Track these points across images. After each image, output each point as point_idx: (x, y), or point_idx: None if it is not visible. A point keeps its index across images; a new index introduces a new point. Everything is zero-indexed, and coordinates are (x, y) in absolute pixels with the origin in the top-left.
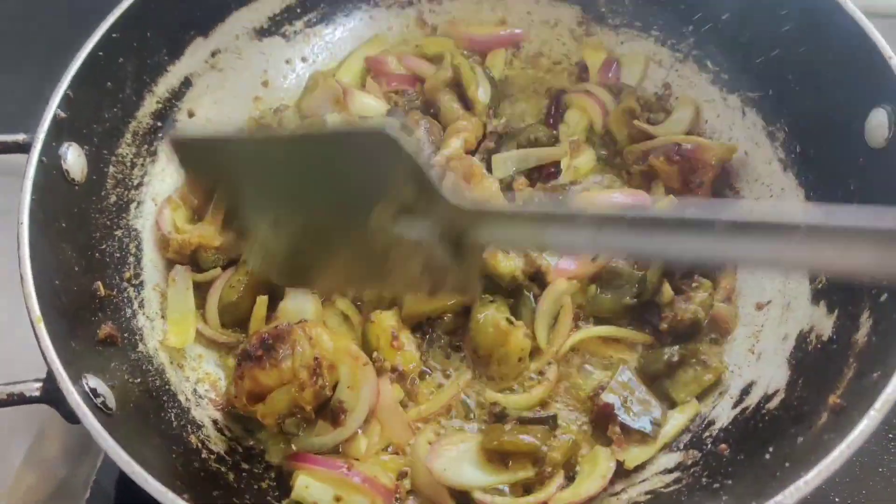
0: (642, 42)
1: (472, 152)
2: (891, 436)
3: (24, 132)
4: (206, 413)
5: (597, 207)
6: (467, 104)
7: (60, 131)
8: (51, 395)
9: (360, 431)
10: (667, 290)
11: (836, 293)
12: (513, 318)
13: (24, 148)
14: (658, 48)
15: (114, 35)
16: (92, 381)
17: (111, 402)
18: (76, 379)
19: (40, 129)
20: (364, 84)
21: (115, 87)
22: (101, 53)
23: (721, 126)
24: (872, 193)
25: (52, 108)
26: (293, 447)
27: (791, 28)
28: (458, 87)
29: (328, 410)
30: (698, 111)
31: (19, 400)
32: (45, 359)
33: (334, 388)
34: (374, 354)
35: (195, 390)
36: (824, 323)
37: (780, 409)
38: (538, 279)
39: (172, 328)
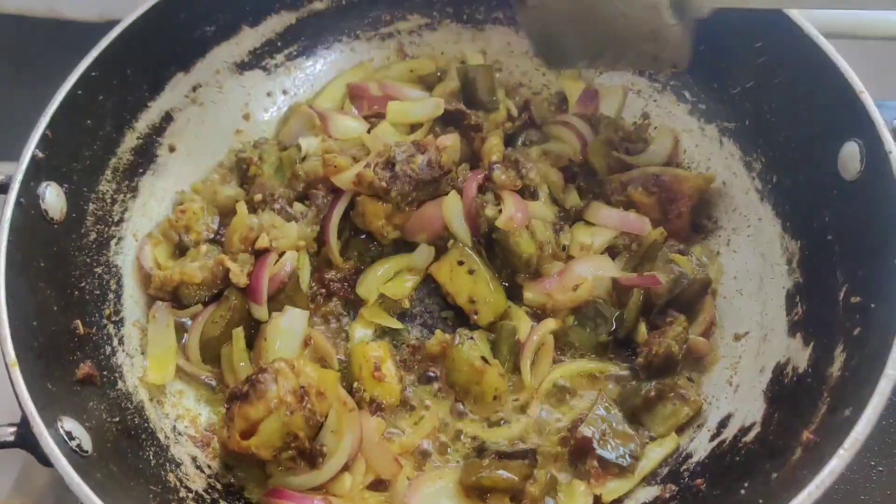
0: (620, 72)
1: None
2: (872, 463)
3: (12, 159)
4: (184, 450)
5: None
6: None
7: (39, 171)
8: (25, 439)
9: (346, 469)
10: (642, 327)
11: (812, 325)
12: (488, 357)
13: (2, 189)
14: (636, 78)
15: (93, 74)
16: (67, 424)
17: (87, 445)
18: (51, 423)
19: (18, 170)
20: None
21: (94, 124)
22: (79, 92)
23: (699, 156)
24: (847, 225)
25: (30, 148)
26: (269, 484)
27: (766, 60)
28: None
29: (307, 450)
30: (677, 141)
31: None
32: (19, 403)
33: (325, 416)
34: (355, 385)
35: (174, 427)
36: (800, 355)
37: (755, 442)
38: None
39: (153, 365)
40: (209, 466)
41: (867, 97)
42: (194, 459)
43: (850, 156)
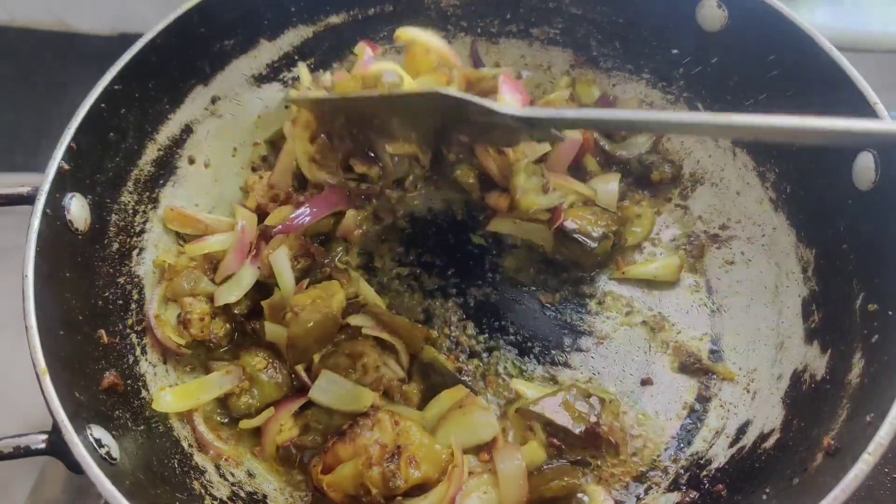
0: (634, 84)
1: None
2: (886, 470)
3: (31, 169)
4: (208, 458)
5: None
6: None
7: (64, 183)
8: (56, 447)
9: None
10: None
11: (829, 333)
12: None
13: (28, 200)
14: (649, 90)
15: (116, 87)
16: (96, 432)
17: (115, 452)
18: (81, 430)
19: (44, 182)
20: None
21: (117, 136)
22: (103, 105)
23: (713, 167)
24: (861, 235)
25: (56, 160)
26: None
27: (778, 73)
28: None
29: None
30: None
31: (25, 453)
32: (50, 411)
33: (412, 487)
34: None
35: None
36: (818, 363)
37: (775, 448)
38: None
39: (177, 395)
40: (232, 474)
41: (881, 108)
42: (217, 467)
43: (865, 167)
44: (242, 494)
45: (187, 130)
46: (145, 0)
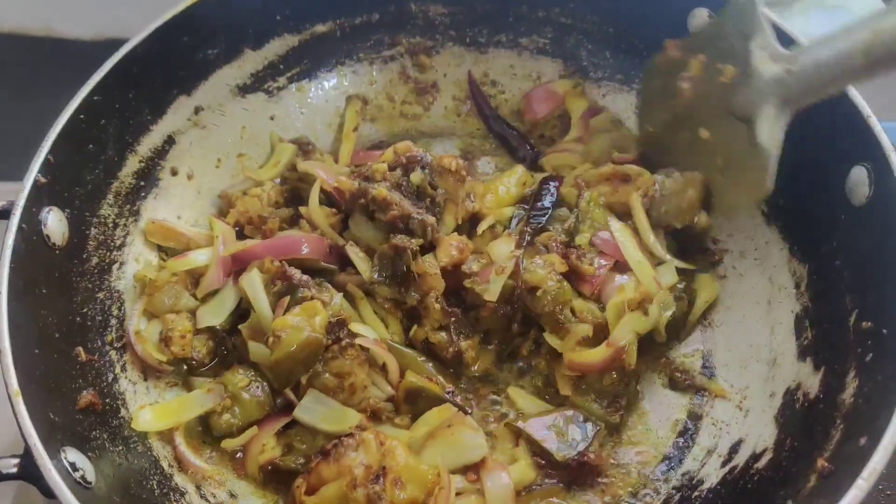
0: (624, 95)
1: None
2: (880, 486)
3: (4, 179)
4: (189, 478)
5: None
6: None
7: (41, 196)
8: (28, 471)
9: None
10: None
11: (822, 350)
12: None
13: (3, 214)
14: (640, 101)
15: (95, 98)
16: (71, 455)
17: (90, 476)
18: (54, 454)
19: (20, 196)
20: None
21: (96, 148)
22: (81, 117)
23: None
24: (855, 250)
25: (33, 173)
26: None
27: None
28: None
29: None
30: None
31: None
32: (22, 434)
33: None
34: None
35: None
36: (811, 380)
37: (768, 469)
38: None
39: (156, 413)
40: (214, 495)
41: (875, 121)
42: (199, 488)
43: (859, 181)
44: None
45: (170, 141)
46: (133, 6)
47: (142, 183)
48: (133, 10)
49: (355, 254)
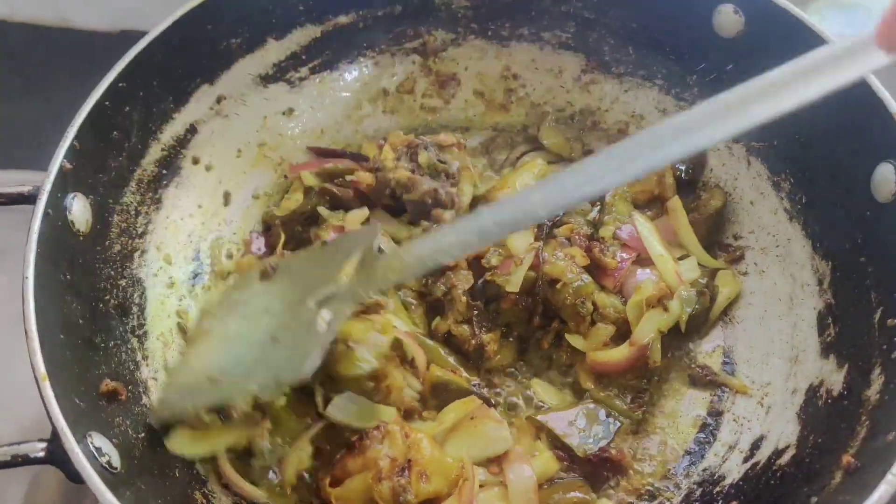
0: (646, 90)
1: None
2: None
3: (20, 167)
4: (210, 467)
5: None
6: None
7: (66, 182)
8: (56, 456)
9: None
10: None
11: (845, 347)
12: None
13: (30, 199)
14: (662, 97)
15: (120, 85)
16: (97, 440)
17: (115, 461)
18: (81, 438)
19: (46, 181)
20: None
21: (120, 136)
22: (107, 103)
23: (726, 175)
24: (880, 247)
25: (59, 159)
26: None
27: None
28: None
29: None
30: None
31: (24, 461)
32: (49, 418)
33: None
34: None
35: None
36: (834, 378)
37: (791, 465)
38: None
39: (192, 440)
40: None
41: None
42: (220, 477)
43: (884, 178)
44: None
45: (192, 130)
46: None
47: (164, 171)
48: (149, 2)
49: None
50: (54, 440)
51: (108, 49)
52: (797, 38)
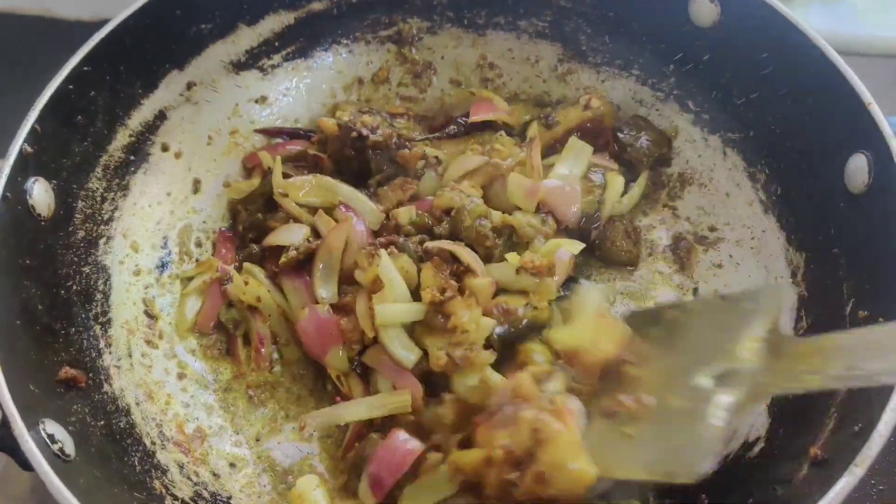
0: (623, 80)
1: None
2: (872, 481)
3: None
4: (171, 456)
5: None
6: None
7: (26, 166)
8: (5, 442)
9: None
10: None
11: None
12: None
13: None
14: (639, 87)
15: (85, 69)
16: (50, 427)
17: (69, 449)
18: (32, 425)
19: (5, 164)
20: None
21: (85, 120)
22: (70, 87)
23: (702, 166)
24: (854, 238)
25: (19, 142)
26: None
27: (771, 71)
28: None
29: None
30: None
31: None
32: None
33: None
34: None
35: (161, 432)
36: None
37: (760, 458)
38: None
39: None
40: (196, 474)
41: (876, 109)
42: (181, 467)
43: (858, 168)
44: (206, 495)
45: (161, 116)
46: None
47: (131, 157)
48: None
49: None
50: (4, 426)
51: (88, 38)
52: (772, 28)
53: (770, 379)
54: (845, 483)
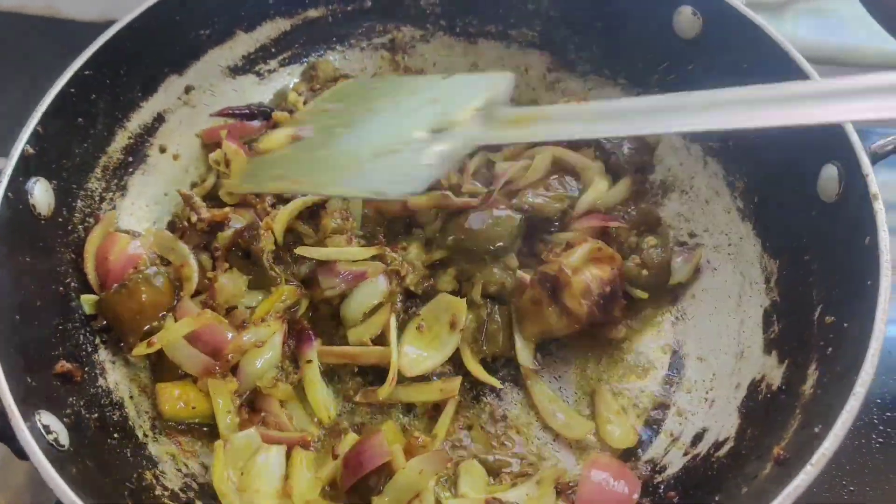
0: (609, 89)
1: None
2: (844, 482)
3: (5, 155)
4: (163, 448)
5: None
6: None
7: (28, 167)
8: (3, 432)
9: None
10: None
11: (788, 343)
12: None
13: None
14: (625, 96)
15: (86, 73)
16: (45, 418)
17: (64, 439)
18: (28, 416)
19: (7, 165)
20: None
21: (86, 122)
22: (72, 90)
23: (683, 174)
24: (824, 246)
25: (21, 143)
26: None
27: (751, 83)
28: None
29: None
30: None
31: None
32: None
33: None
34: None
35: (154, 425)
36: (775, 372)
37: (728, 457)
38: None
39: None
40: (186, 466)
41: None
42: (172, 457)
43: (829, 178)
44: (195, 486)
45: (159, 119)
46: None
47: (130, 159)
48: None
49: None
50: (2, 417)
51: (94, 38)
52: (752, 41)
53: (479, 134)
54: (800, 481)
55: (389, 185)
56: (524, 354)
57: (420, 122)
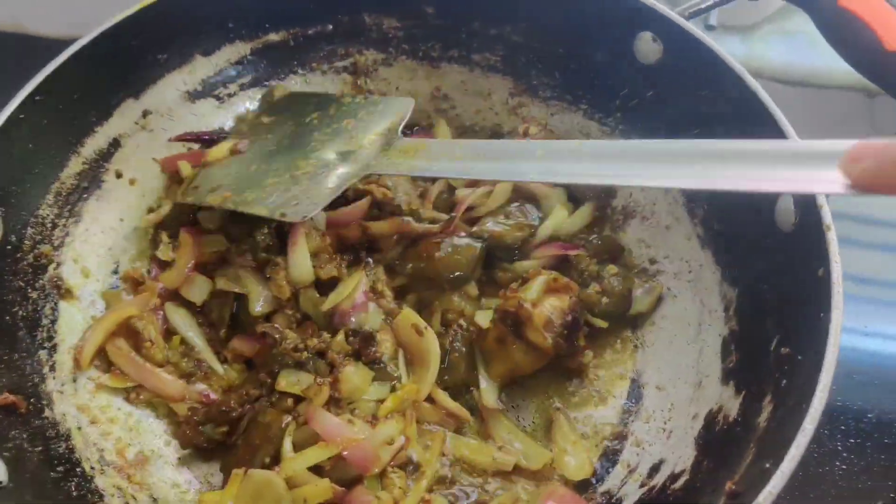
0: (571, 115)
1: None
2: None
3: None
4: (110, 481)
5: None
6: None
7: None
8: None
9: None
10: None
11: (744, 374)
12: None
13: None
14: (586, 121)
15: (37, 98)
16: None
17: (2, 475)
18: None
19: None
20: None
21: (36, 147)
22: (21, 116)
23: (645, 200)
24: (780, 275)
25: None
26: None
27: (710, 109)
28: None
29: None
30: None
31: None
32: None
33: None
34: None
35: (101, 457)
36: (731, 404)
37: (683, 491)
38: None
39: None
40: (134, 498)
41: None
42: (120, 490)
43: (786, 209)
44: None
45: (115, 144)
46: (103, 5)
47: (84, 184)
48: (105, 9)
49: None
50: None
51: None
52: (710, 67)
53: (376, 162)
54: None
55: (295, 208)
56: (488, 395)
57: (334, 145)
